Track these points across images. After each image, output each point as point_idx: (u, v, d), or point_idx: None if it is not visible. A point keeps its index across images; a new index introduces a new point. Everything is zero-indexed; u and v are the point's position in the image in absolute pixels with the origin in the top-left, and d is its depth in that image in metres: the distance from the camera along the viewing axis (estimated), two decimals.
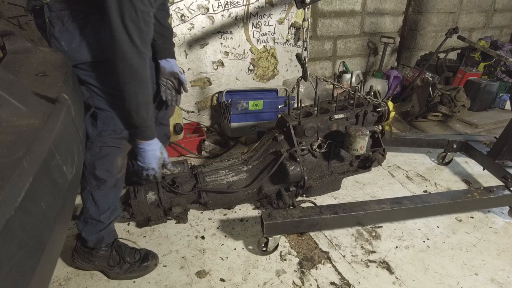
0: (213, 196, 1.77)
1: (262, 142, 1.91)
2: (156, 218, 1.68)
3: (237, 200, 1.85)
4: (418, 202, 1.74)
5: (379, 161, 1.90)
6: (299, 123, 1.77)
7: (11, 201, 0.51)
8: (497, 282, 1.55)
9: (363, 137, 1.68)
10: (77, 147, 0.86)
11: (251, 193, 1.85)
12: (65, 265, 1.56)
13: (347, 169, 1.96)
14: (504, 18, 4.32)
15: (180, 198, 1.70)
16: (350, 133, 1.69)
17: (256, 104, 2.72)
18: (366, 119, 1.93)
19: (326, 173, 1.92)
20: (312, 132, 1.82)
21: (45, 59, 0.98)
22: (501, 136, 2.18)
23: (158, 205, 1.66)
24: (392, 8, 3.62)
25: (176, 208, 1.69)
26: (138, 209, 1.62)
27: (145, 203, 1.62)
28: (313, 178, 1.87)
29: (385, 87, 3.57)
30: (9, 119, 0.64)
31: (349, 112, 1.88)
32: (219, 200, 1.80)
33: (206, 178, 1.76)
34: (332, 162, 1.90)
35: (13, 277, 0.52)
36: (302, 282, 1.52)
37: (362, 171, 1.98)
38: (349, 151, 1.74)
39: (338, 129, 1.88)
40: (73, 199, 0.87)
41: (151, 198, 1.64)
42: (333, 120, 1.86)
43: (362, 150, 1.72)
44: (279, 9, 2.81)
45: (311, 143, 1.84)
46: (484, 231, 1.87)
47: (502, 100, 3.65)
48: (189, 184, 1.72)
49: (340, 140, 1.82)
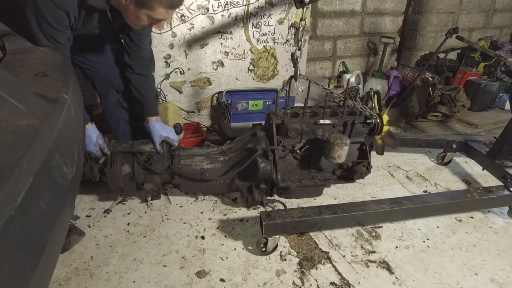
0: (186, 180, 1.80)
1: (243, 136, 1.92)
2: (128, 189, 1.76)
3: (210, 188, 1.87)
4: (417, 202, 1.74)
5: (362, 174, 1.87)
6: (283, 122, 1.77)
7: (11, 201, 0.51)
8: (497, 282, 1.55)
9: (341, 146, 1.65)
10: (77, 147, 0.86)
11: (223, 184, 1.85)
12: (65, 265, 1.56)
13: (329, 177, 1.93)
14: (504, 18, 4.32)
15: (153, 175, 1.76)
16: (329, 140, 1.68)
17: (256, 104, 2.72)
18: (355, 128, 1.88)
19: (307, 177, 1.90)
20: (296, 134, 1.81)
21: (45, 59, 0.98)
22: (501, 136, 2.18)
23: (131, 178, 1.72)
24: (392, 8, 3.62)
25: (148, 184, 1.76)
26: (112, 178, 1.70)
27: (119, 174, 1.70)
28: (292, 180, 1.85)
29: (385, 87, 3.57)
30: (9, 119, 0.64)
31: (337, 119, 1.86)
32: (192, 185, 1.83)
33: (181, 161, 1.79)
34: (314, 167, 1.88)
35: (13, 277, 0.52)
36: (302, 282, 1.52)
37: (344, 182, 1.95)
38: (327, 159, 1.73)
39: (324, 135, 1.86)
40: (73, 199, 0.88)
41: (126, 170, 1.72)
42: (319, 125, 1.83)
43: (340, 159, 1.70)
44: (279, 9, 2.81)
45: (293, 145, 1.83)
46: (484, 231, 1.87)
47: (502, 100, 3.66)
48: (164, 164, 1.77)
49: (322, 146, 1.80)
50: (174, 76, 2.68)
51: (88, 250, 1.65)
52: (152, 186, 1.78)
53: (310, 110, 1.93)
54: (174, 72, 2.66)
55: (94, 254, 1.63)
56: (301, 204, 2.02)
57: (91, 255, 1.62)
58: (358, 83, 3.41)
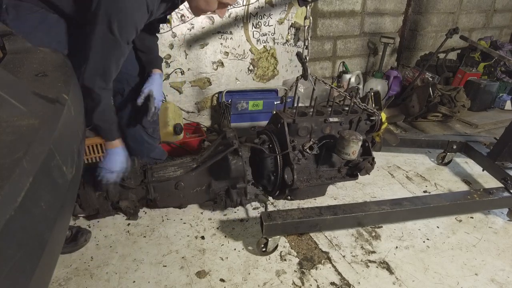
0: (162, 193, 1.77)
1: (214, 143, 1.91)
2: (104, 210, 1.71)
3: (187, 198, 1.84)
4: (418, 203, 1.74)
5: (367, 170, 1.87)
6: (294, 121, 1.77)
7: (11, 201, 0.51)
8: (497, 282, 1.55)
9: (356, 142, 1.66)
10: (77, 147, 0.85)
11: (201, 191, 1.83)
12: (65, 265, 1.56)
13: (334, 175, 1.93)
14: (504, 18, 4.32)
15: (128, 192, 1.71)
16: (344, 136, 1.68)
17: (256, 104, 2.72)
18: (359, 126, 1.91)
19: (314, 177, 1.90)
20: (306, 132, 1.82)
21: (45, 59, 0.98)
22: (501, 137, 2.18)
23: (105, 197, 1.68)
24: (392, 8, 3.62)
25: (123, 202, 1.71)
26: (85, 200, 1.64)
27: (93, 195, 1.65)
28: (301, 180, 1.85)
29: (385, 87, 3.57)
30: (9, 119, 0.64)
31: (343, 117, 1.87)
32: (168, 197, 1.79)
33: (154, 174, 1.76)
34: (321, 166, 1.88)
35: (13, 277, 0.52)
36: (302, 282, 1.52)
37: (349, 179, 1.96)
38: (341, 155, 1.72)
39: (331, 133, 1.87)
40: (73, 199, 0.87)
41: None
42: (328, 123, 1.84)
43: (354, 155, 1.70)
44: (279, 9, 2.81)
45: (303, 144, 1.83)
46: (484, 231, 1.87)
47: (502, 100, 3.65)
48: (137, 179, 1.73)
49: (332, 144, 1.81)
50: (174, 76, 2.68)
51: (88, 250, 1.65)
52: (127, 204, 1.72)
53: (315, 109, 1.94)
54: (174, 72, 2.66)
55: (94, 254, 1.63)
56: (301, 205, 2.02)
57: (91, 255, 1.62)
58: (358, 83, 3.41)
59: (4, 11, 1.23)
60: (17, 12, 1.23)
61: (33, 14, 1.25)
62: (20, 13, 1.23)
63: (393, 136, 2.06)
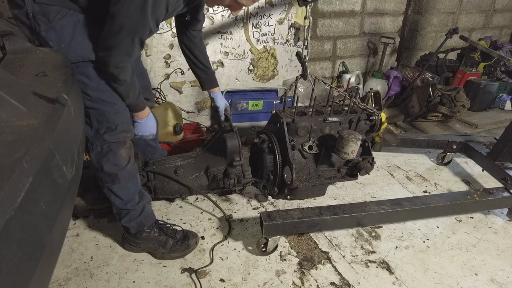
0: (161, 180, 1.79)
1: (213, 136, 1.96)
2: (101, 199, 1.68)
3: (186, 183, 1.83)
4: (417, 203, 1.74)
5: (367, 170, 1.87)
6: (293, 120, 1.77)
7: (11, 201, 0.51)
8: (497, 282, 1.55)
9: (355, 141, 1.66)
10: (77, 147, 0.85)
11: (199, 177, 1.85)
12: (65, 265, 1.56)
13: (334, 175, 1.94)
14: (503, 18, 4.32)
15: None
16: (343, 136, 1.68)
17: (256, 104, 2.72)
18: (358, 126, 1.91)
19: (314, 176, 1.90)
20: (305, 132, 1.82)
21: (45, 59, 0.98)
22: (501, 137, 2.18)
23: None
24: (392, 8, 3.63)
25: None
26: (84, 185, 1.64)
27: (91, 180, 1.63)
28: (300, 180, 1.85)
29: (385, 87, 3.57)
30: (9, 119, 0.64)
31: (343, 117, 1.87)
32: (167, 185, 1.81)
33: (155, 163, 1.82)
34: (321, 165, 1.88)
35: (13, 277, 0.52)
36: (302, 282, 1.52)
37: (349, 179, 1.96)
38: (340, 154, 1.73)
39: (331, 133, 1.87)
40: (73, 199, 0.87)
41: None
42: (327, 123, 1.84)
43: (353, 155, 1.70)
44: (279, 9, 2.81)
45: (302, 143, 1.83)
46: (484, 231, 1.87)
47: (501, 100, 3.66)
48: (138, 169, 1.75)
49: (331, 143, 1.81)
50: (174, 76, 2.68)
51: (88, 250, 1.65)
52: None
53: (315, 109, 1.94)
54: (174, 72, 2.66)
55: (94, 254, 1.63)
56: (300, 205, 2.03)
57: (91, 255, 1.62)
58: (358, 83, 3.41)
59: (33, 21, 1.09)
60: (48, 19, 1.10)
61: (64, 19, 1.12)
62: (52, 21, 1.10)
63: (393, 136, 2.06)
